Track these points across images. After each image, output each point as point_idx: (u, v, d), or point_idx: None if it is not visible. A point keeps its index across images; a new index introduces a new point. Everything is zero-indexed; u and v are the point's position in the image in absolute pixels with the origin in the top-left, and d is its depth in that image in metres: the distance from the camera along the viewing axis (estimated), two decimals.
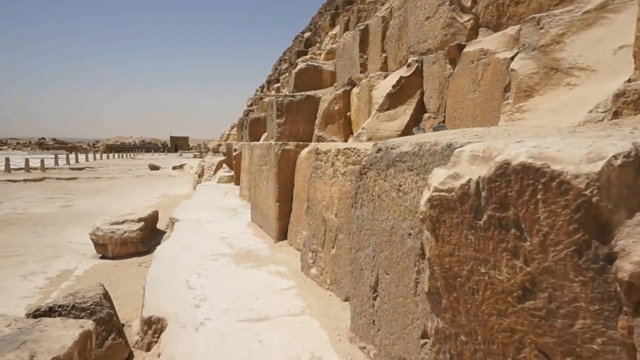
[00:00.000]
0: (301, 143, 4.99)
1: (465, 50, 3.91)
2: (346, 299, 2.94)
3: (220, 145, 15.78)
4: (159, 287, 3.43)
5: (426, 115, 4.61)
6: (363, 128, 4.75)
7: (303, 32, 26.48)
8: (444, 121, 4.29)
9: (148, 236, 5.95)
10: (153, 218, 6.36)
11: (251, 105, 22.73)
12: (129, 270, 5.16)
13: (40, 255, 5.92)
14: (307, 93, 8.20)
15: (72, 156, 32.89)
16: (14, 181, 17.13)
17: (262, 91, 26.08)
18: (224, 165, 12.80)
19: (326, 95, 7.86)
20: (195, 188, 12.79)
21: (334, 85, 8.95)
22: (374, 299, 2.28)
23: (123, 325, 3.12)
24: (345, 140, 7.21)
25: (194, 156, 44.09)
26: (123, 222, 5.70)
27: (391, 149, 2.21)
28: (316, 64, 9.36)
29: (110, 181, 18.32)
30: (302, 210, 4.53)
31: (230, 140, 19.23)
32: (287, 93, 8.57)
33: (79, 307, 2.67)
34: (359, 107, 6.58)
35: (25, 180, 17.43)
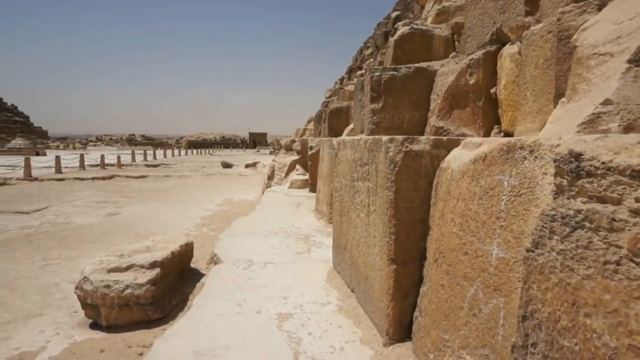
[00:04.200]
0: (444, 139, 2.36)
1: None
2: None
3: (294, 141, 13.54)
4: None
5: None
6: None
7: (387, 17, 23.56)
8: None
9: (168, 289, 3.66)
10: (182, 257, 4.07)
11: (330, 96, 20.40)
12: None
13: (17, 310, 3.89)
14: (416, 65, 5.54)
15: (149, 152, 32.81)
16: (83, 179, 16.25)
17: (341, 83, 23.65)
18: (298, 166, 10.49)
19: (447, 66, 5.15)
20: (263, 193, 10.63)
21: (452, 55, 6.18)
22: None
23: None
24: (487, 135, 4.47)
25: (270, 153, 42.95)
26: (127, 269, 3.48)
27: None
28: (424, 27, 6.62)
29: (177, 180, 16.89)
30: (455, 292, 1.93)
31: (306, 136, 17.00)
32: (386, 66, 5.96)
33: None
34: (518, 77, 3.84)
35: (93, 179, 16.51)
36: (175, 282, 3.85)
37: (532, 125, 3.52)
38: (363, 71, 17.72)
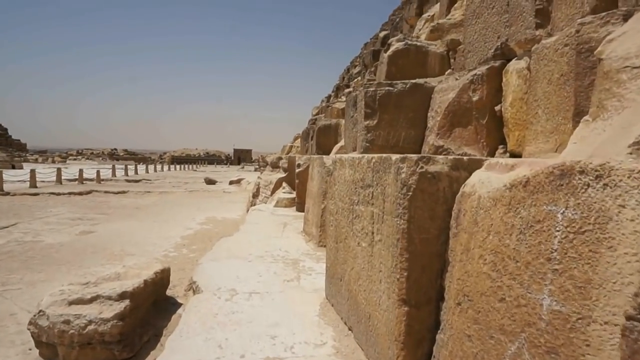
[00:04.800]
0: (464, 159, 2.03)
1: None
2: None
3: (280, 159, 13.19)
4: None
5: None
6: None
7: (375, 36, 23.58)
8: None
9: (139, 324, 3.22)
10: (156, 285, 3.64)
11: (317, 114, 20.20)
12: None
13: None
14: (413, 81, 5.28)
15: (131, 167, 32.02)
16: (58, 194, 15.57)
17: (328, 100, 23.52)
18: (284, 184, 10.11)
19: (447, 83, 4.89)
20: (247, 211, 10.21)
21: (447, 72, 5.97)
22: None
23: None
24: (492, 155, 4.20)
25: (255, 169, 42.49)
26: (91, 300, 3.04)
27: None
28: (419, 44, 6.41)
29: (158, 197, 16.32)
30: (487, 346, 1.57)
31: (292, 153, 16.68)
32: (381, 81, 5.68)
33: None
34: (527, 94, 3.58)
35: (70, 194, 15.84)
36: (147, 314, 3.42)
37: (545, 146, 3.24)
38: (351, 89, 17.62)
